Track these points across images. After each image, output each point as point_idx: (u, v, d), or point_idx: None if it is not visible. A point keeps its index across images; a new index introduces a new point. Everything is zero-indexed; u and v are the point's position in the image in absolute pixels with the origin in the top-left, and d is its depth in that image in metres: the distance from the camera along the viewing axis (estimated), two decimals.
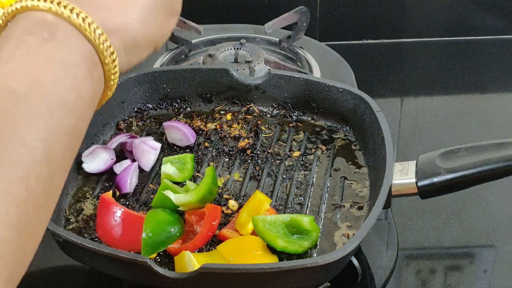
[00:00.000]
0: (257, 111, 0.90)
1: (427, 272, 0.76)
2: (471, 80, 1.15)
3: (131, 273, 0.65)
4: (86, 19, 0.45)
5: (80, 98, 0.44)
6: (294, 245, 0.67)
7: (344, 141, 0.84)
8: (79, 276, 0.76)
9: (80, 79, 0.44)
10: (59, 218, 0.73)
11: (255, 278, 0.61)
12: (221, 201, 0.75)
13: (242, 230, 0.69)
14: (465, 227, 0.82)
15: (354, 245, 0.62)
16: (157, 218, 0.67)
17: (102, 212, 0.68)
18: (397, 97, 1.12)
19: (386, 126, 0.75)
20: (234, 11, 1.23)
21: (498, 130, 1.01)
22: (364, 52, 1.24)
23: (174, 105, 0.91)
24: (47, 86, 0.42)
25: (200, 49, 1.12)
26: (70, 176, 0.78)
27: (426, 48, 1.25)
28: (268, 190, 0.77)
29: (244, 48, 1.05)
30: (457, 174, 0.68)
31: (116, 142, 0.83)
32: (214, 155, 0.83)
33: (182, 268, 0.64)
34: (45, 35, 0.43)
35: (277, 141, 0.85)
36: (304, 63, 1.07)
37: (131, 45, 0.49)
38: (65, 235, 0.64)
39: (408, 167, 0.71)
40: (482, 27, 1.25)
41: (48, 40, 0.43)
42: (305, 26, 1.09)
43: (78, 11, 0.45)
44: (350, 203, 0.74)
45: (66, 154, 0.43)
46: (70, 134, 0.43)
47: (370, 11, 1.23)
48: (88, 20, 0.45)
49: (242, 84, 0.89)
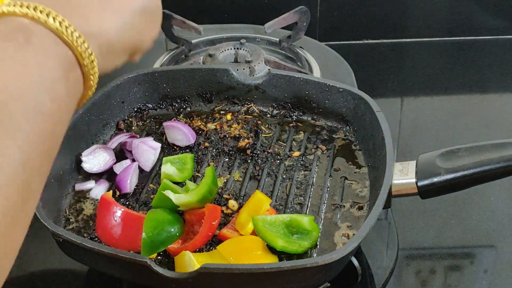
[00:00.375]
0: (257, 111, 0.90)
1: (427, 272, 0.76)
2: (471, 80, 1.15)
3: (131, 273, 0.65)
4: (63, 22, 0.45)
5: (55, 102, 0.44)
6: (294, 245, 0.67)
7: (344, 141, 0.84)
8: (79, 276, 0.76)
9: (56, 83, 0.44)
10: (59, 218, 0.73)
11: (255, 278, 0.61)
12: (221, 201, 0.75)
13: (242, 230, 0.69)
14: (465, 227, 0.82)
15: (354, 245, 0.62)
16: (157, 218, 0.67)
17: (102, 212, 0.68)
18: (397, 97, 1.12)
19: (386, 126, 0.75)
20: (234, 11, 1.23)
21: (498, 130, 1.01)
22: (364, 52, 1.24)
23: (174, 105, 0.91)
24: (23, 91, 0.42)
25: (200, 49, 1.12)
26: (70, 176, 0.78)
27: (427, 48, 1.25)
28: (268, 190, 0.77)
29: (244, 48, 1.05)
30: (457, 174, 0.68)
31: (116, 142, 0.83)
32: (214, 155, 0.83)
33: (182, 268, 0.64)
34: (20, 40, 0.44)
35: (277, 141, 0.85)
36: (304, 63, 1.07)
37: (106, 50, 0.49)
38: (65, 235, 0.64)
39: (408, 167, 0.71)
40: (483, 27, 1.25)
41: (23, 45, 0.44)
42: (305, 26, 1.09)
43: (54, 15, 0.45)
44: (350, 203, 0.74)
45: (43, 160, 0.43)
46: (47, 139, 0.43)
47: (370, 11, 1.23)
48: (65, 23, 0.45)
49: (242, 84, 0.89)
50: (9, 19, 0.45)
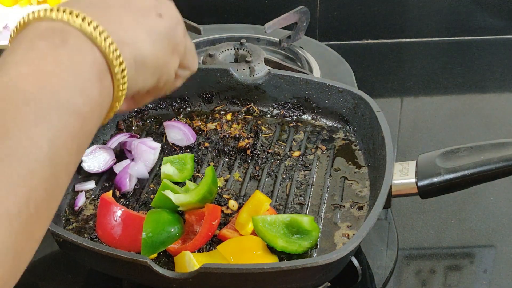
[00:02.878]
0: (257, 111, 0.90)
1: (427, 272, 0.76)
2: (471, 80, 1.15)
3: (131, 273, 0.65)
4: (97, 28, 0.46)
5: (88, 103, 0.45)
6: (294, 245, 0.67)
7: (344, 141, 0.84)
8: (79, 276, 0.76)
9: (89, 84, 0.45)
10: (59, 218, 0.73)
11: (255, 278, 0.61)
12: (221, 201, 0.75)
13: (242, 230, 0.69)
14: (465, 227, 0.82)
15: (354, 245, 0.62)
16: (157, 218, 0.67)
17: (102, 212, 0.68)
18: (397, 97, 1.12)
19: (386, 126, 0.75)
20: (234, 11, 1.23)
21: (498, 130, 1.01)
22: (364, 52, 1.24)
23: (174, 105, 0.91)
24: (56, 89, 0.43)
25: (200, 49, 1.12)
26: None
27: (426, 48, 1.25)
28: (268, 190, 0.77)
29: (244, 48, 1.05)
30: (457, 174, 0.68)
31: (116, 141, 0.83)
32: (214, 155, 0.83)
33: (182, 268, 0.64)
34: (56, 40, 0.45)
35: (277, 141, 0.85)
36: (304, 63, 1.07)
37: (141, 63, 0.50)
38: (65, 235, 0.64)
39: (408, 167, 0.71)
40: (482, 27, 1.25)
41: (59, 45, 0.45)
42: (305, 26, 1.09)
43: (89, 20, 0.46)
44: (350, 203, 0.74)
45: (71, 157, 0.44)
46: (76, 137, 0.44)
47: (370, 11, 1.23)
48: (99, 29, 0.46)
49: (242, 84, 0.89)
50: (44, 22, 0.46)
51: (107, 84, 0.47)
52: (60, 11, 0.46)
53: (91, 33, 0.46)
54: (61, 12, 0.46)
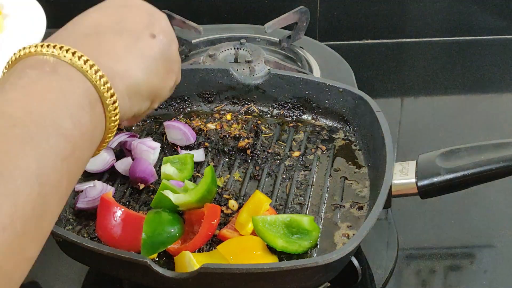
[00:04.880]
0: (257, 111, 0.90)
1: (427, 272, 0.76)
2: (471, 80, 1.15)
3: (131, 273, 0.65)
4: (88, 62, 0.47)
5: (78, 128, 0.45)
6: (294, 245, 0.67)
7: (344, 141, 0.84)
8: (79, 276, 0.76)
9: (79, 110, 0.46)
10: (59, 218, 0.73)
11: (255, 278, 0.61)
12: (221, 201, 0.75)
13: (242, 230, 0.69)
14: (465, 227, 0.82)
15: (354, 245, 0.62)
16: (157, 218, 0.67)
17: (102, 212, 0.68)
18: (397, 97, 1.12)
19: (386, 126, 0.75)
20: (234, 11, 1.23)
21: (498, 130, 1.01)
22: (364, 52, 1.24)
23: (174, 105, 0.91)
24: (43, 112, 0.43)
25: (200, 49, 1.12)
26: None
27: (426, 48, 1.25)
28: (268, 190, 0.77)
29: (244, 48, 1.05)
30: (457, 174, 0.68)
31: (116, 141, 0.83)
32: (214, 155, 0.83)
33: (182, 268, 0.64)
34: (47, 69, 0.46)
35: (277, 141, 0.85)
36: (304, 63, 1.07)
37: (134, 91, 0.51)
38: (65, 235, 0.64)
39: (408, 167, 0.71)
40: (483, 27, 1.25)
41: (50, 73, 0.46)
42: (305, 26, 1.09)
43: (80, 55, 0.47)
44: (350, 203, 0.74)
45: (62, 181, 0.43)
46: (66, 161, 0.44)
47: (370, 11, 1.23)
48: (90, 63, 0.47)
49: (242, 84, 0.89)
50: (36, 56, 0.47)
51: (99, 111, 0.48)
52: (50, 47, 0.47)
53: (82, 67, 0.46)
54: (51, 48, 0.47)
